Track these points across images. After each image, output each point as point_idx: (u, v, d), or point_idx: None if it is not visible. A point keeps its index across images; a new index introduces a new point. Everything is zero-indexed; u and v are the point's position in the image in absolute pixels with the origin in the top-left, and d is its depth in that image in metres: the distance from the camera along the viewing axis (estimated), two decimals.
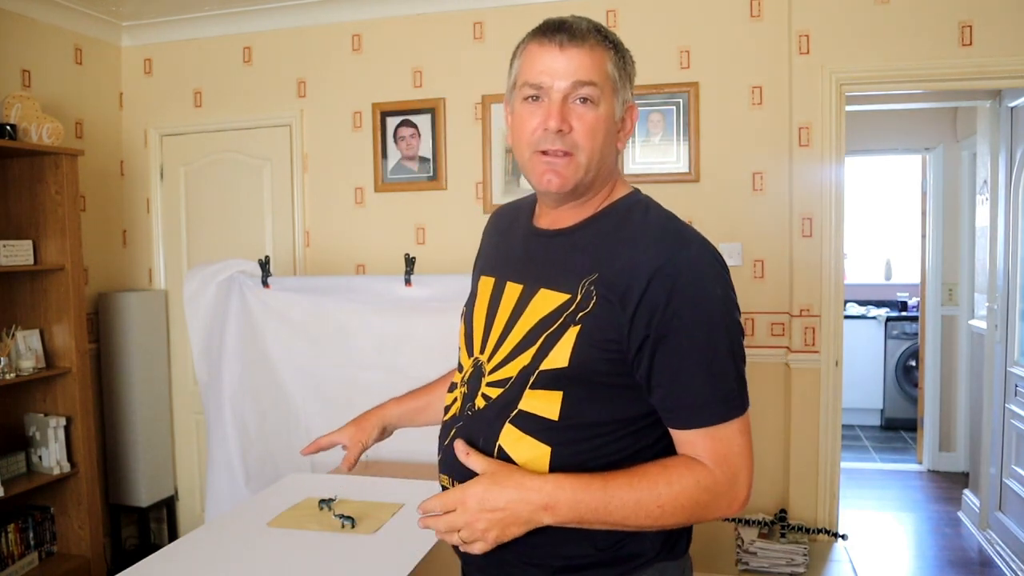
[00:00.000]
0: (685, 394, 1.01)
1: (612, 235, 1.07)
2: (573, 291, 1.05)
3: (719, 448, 1.02)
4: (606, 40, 1.06)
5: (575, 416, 1.04)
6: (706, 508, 1.02)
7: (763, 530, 2.94)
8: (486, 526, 1.00)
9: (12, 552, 3.02)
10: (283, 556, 1.69)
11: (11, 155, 3.03)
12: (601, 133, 1.06)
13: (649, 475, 1.00)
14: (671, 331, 0.99)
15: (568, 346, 1.03)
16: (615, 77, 1.06)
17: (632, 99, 1.10)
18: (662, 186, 3.13)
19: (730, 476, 1.03)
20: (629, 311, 1.00)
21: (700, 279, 1.01)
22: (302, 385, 2.84)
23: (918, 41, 2.87)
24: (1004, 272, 3.43)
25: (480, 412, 1.11)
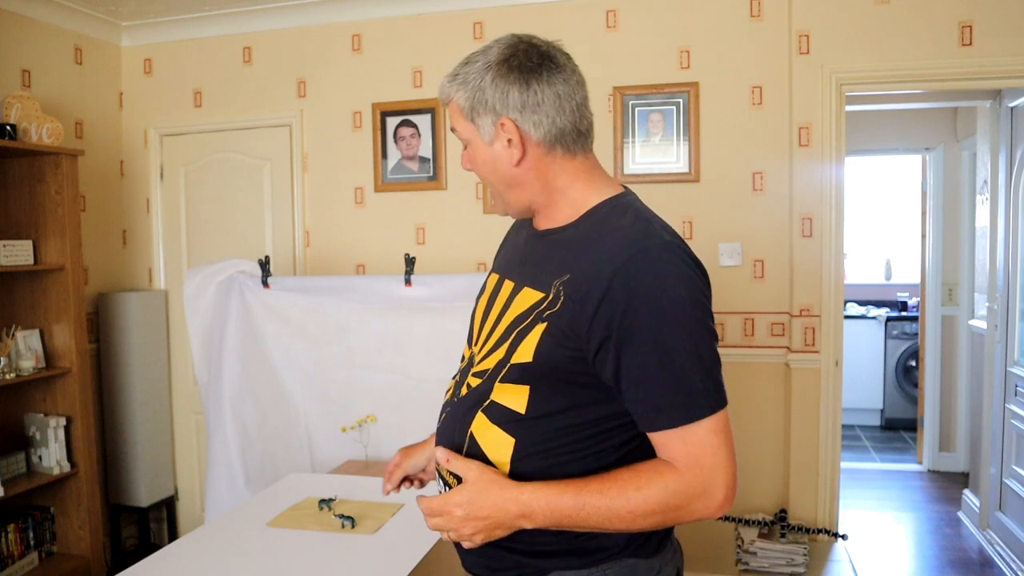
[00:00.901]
0: (649, 396, 1.02)
1: (587, 237, 1.10)
2: (547, 290, 1.09)
3: (690, 450, 1.01)
4: (455, 84, 1.12)
5: (540, 411, 1.08)
6: (679, 511, 1.02)
7: (763, 530, 2.94)
8: (472, 531, 1.07)
9: (12, 552, 3.02)
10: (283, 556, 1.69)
11: (11, 155, 3.03)
12: (486, 165, 1.14)
13: (619, 481, 1.03)
14: (632, 332, 1.00)
15: (534, 342, 1.07)
16: (468, 115, 1.12)
17: (502, 113, 1.09)
18: (662, 186, 3.13)
19: (703, 478, 1.01)
20: (590, 311, 1.02)
21: (661, 279, 1.01)
22: (302, 385, 2.85)
23: (918, 41, 2.87)
24: (1004, 272, 3.43)
25: (462, 399, 1.17)
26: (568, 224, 1.14)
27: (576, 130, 1.12)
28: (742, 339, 3.11)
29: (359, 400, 2.78)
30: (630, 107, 3.15)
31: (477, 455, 1.12)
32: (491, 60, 1.10)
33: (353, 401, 2.79)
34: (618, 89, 3.15)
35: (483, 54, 1.11)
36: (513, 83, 1.08)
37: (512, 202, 1.17)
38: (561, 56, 1.12)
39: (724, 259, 3.09)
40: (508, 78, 1.08)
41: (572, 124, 1.11)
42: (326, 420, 2.82)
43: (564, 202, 1.14)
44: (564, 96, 1.10)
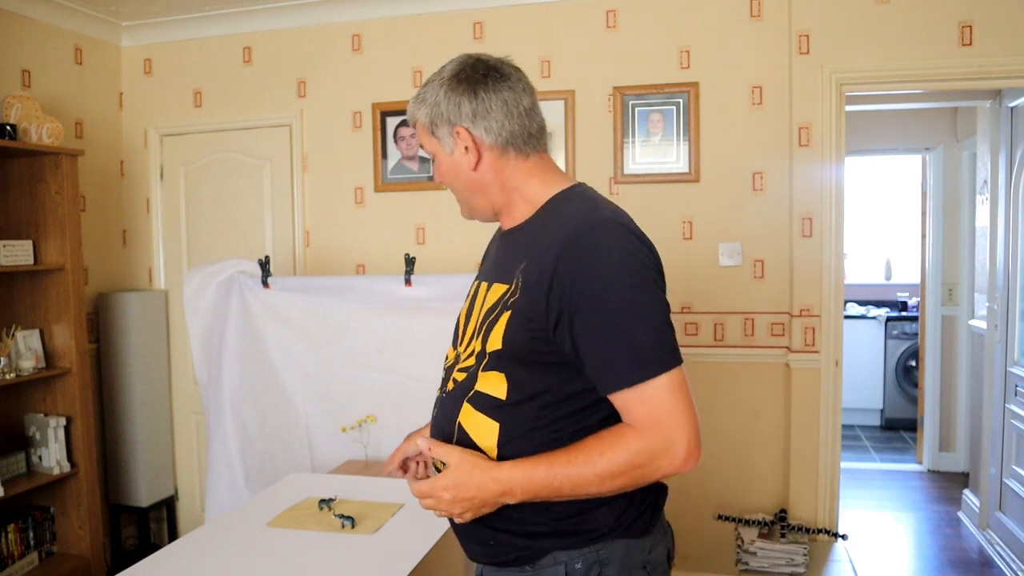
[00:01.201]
0: (603, 360, 1.08)
1: (541, 226, 1.20)
2: (510, 281, 1.18)
3: (648, 408, 1.07)
4: (417, 105, 1.25)
5: (520, 395, 1.15)
6: (645, 469, 1.08)
7: (763, 530, 2.94)
8: (461, 511, 1.15)
9: (12, 552, 3.02)
10: (283, 556, 1.69)
11: (11, 155, 3.03)
12: (449, 175, 1.26)
13: (585, 449, 1.09)
14: (580, 303, 1.08)
15: (502, 329, 1.16)
16: (431, 130, 1.24)
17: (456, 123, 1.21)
18: (662, 186, 3.13)
19: (664, 435, 1.07)
20: (544, 290, 1.10)
21: (602, 250, 1.09)
22: (302, 385, 2.85)
23: (918, 41, 2.87)
24: (1004, 272, 3.43)
25: (449, 393, 1.26)
26: (527, 220, 1.24)
27: (527, 133, 1.22)
28: (742, 339, 3.11)
29: (359, 400, 2.78)
30: (630, 107, 3.15)
31: (466, 443, 1.19)
32: (444, 77, 1.22)
33: (353, 401, 2.79)
34: (618, 89, 3.15)
35: (438, 74, 1.24)
36: (463, 94, 1.20)
37: (477, 206, 1.28)
38: (507, 68, 1.23)
39: (724, 259, 3.09)
40: (458, 90, 1.20)
41: (521, 128, 1.22)
42: (326, 420, 2.82)
43: (521, 200, 1.24)
44: (511, 102, 1.20)
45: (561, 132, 3.23)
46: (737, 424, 3.13)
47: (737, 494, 3.13)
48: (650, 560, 1.19)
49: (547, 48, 3.24)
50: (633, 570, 1.17)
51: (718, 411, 3.14)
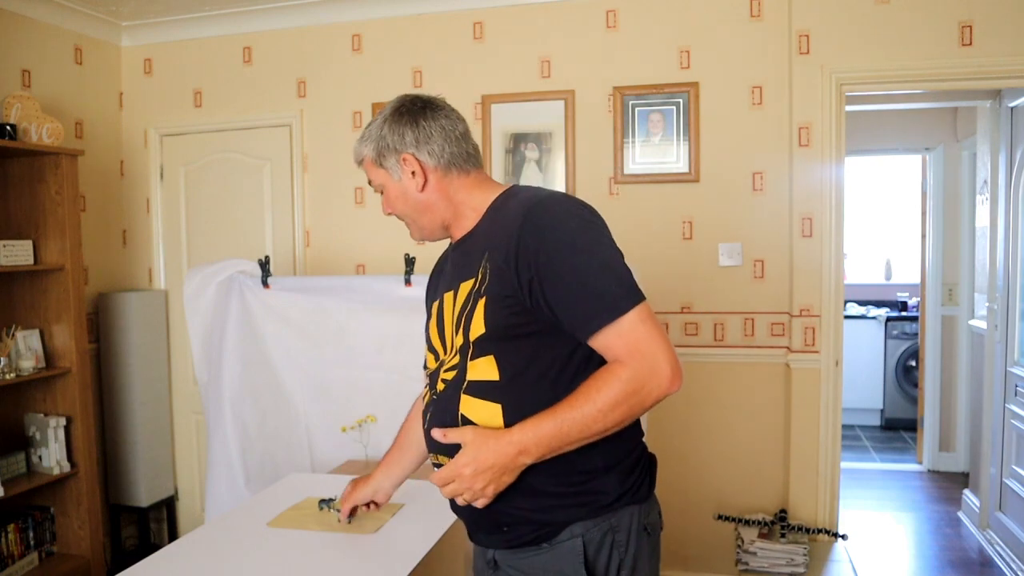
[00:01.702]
0: (578, 310, 1.19)
1: (493, 222, 1.32)
2: (475, 274, 1.29)
3: (627, 340, 1.17)
4: (363, 145, 1.39)
5: (512, 371, 1.25)
6: (639, 395, 1.17)
7: (763, 530, 2.94)
8: (483, 484, 1.22)
9: (12, 552, 3.02)
10: (283, 556, 1.69)
11: (11, 155, 3.03)
12: (399, 202, 1.39)
13: (582, 390, 1.19)
14: (548, 266, 1.19)
15: (481, 315, 1.25)
16: (377, 162, 1.38)
17: (401, 151, 1.35)
18: (662, 186, 3.13)
19: (647, 360, 1.16)
20: (512, 267, 1.21)
21: (556, 217, 1.23)
22: (302, 385, 2.84)
23: (918, 41, 2.87)
24: (1004, 272, 3.43)
25: (441, 394, 1.34)
26: (476, 225, 1.36)
27: (465, 153, 1.37)
28: (742, 339, 3.11)
29: (359, 400, 2.78)
30: (630, 107, 3.15)
31: None
32: (385, 115, 1.37)
33: (353, 401, 2.78)
34: (618, 89, 3.15)
35: (379, 115, 1.38)
36: (405, 125, 1.35)
37: (426, 225, 1.40)
38: (440, 101, 1.40)
39: (724, 259, 3.09)
40: (400, 122, 1.35)
41: (460, 149, 1.37)
42: (326, 420, 2.82)
43: (468, 210, 1.37)
44: (447, 128, 1.36)
45: (561, 132, 3.23)
46: (737, 424, 3.13)
47: (737, 494, 3.13)
48: (649, 522, 1.32)
49: (547, 48, 3.24)
50: (638, 533, 1.28)
51: (718, 411, 3.14)
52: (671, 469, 3.14)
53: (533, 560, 1.27)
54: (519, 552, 1.28)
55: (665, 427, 3.08)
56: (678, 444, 3.15)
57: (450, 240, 1.45)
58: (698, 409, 3.15)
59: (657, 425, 2.87)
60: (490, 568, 1.35)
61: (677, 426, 3.14)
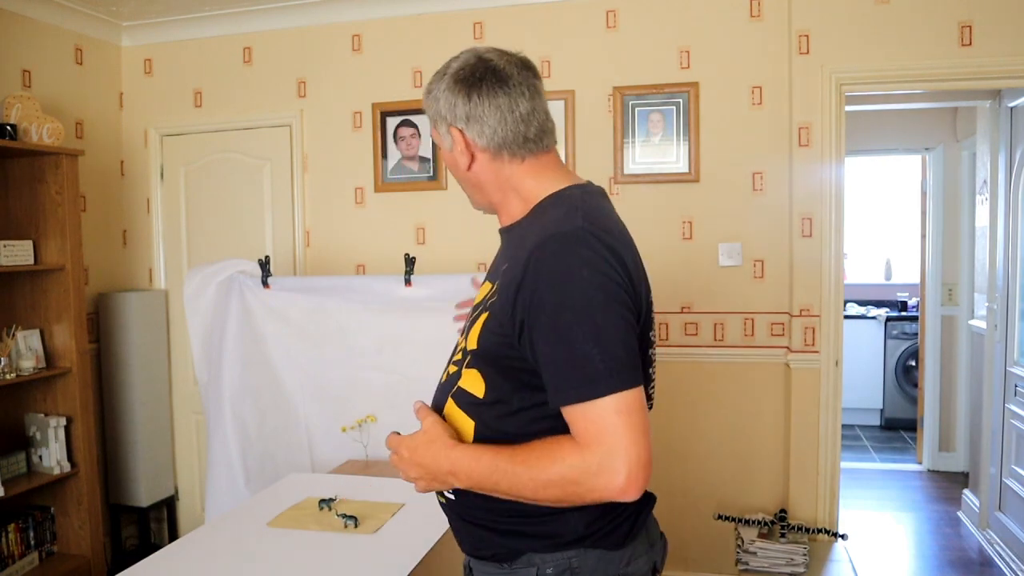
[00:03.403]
0: (553, 374, 1.05)
1: (527, 229, 1.18)
2: (494, 282, 1.19)
3: (589, 427, 1.02)
4: (425, 98, 1.25)
5: (494, 395, 1.15)
6: (578, 486, 1.03)
7: (763, 530, 2.94)
8: (415, 475, 1.17)
9: (12, 552, 3.02)
10: (283, 556, 1.69)
11: (11, 155, 3.03)
12: (452, 168, 1.26)
13: (528, 449, 1.08)
14: (539, 314, 1.05)
15: (478, 330, 1.16)
16: (433, 121, 1.24)
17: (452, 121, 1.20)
18: (662, 186, 3.13)
19: (601, 456, 1.01)
20: (512, 297, 1.09)
21: (564, 261, 1.06)
22: (302, 385, 2.85)
23: (918, 41, 2.87)
24: (1004, 272, 3.43)
25: (442, 384, 1.26)
26: (521, 218, 1.22)
27: (522, 137, 1.19)
28: (742, 339, 3.11)
29: (359, 400, 2.78)
30: (630, 107, 3.15)
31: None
32: (447, 74, 1.21)
33: (353, 401, 2.79)
34: (618, 89, 3.15)
35: (445, 67, 1.23)
36: (458, 95, 1.18)
37: (476, 200, 1.30)
38: (511, 69, 1.18)
39: (724, 259, 3.09)
40: (455, 91, 1.19)
41: (516, 133, 1.18)
42: (326, 420, 2.82)
43: (516, 199, 1.23)
44: (505, 108, 1.17)
45: (561, 132, 3.23)
46: (737, 424, 3.13)
47: (737, 494, 3.13)
48: (628, 573, 1.16)
49: (547, 48, 3.24)
50: None
51: (718, 411, 3.14)
52: (671, 469, 3.14)
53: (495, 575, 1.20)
54: (484, 564, 1.22)
55: (665, 427, 3.09)
56: (678, 444, 3.15)
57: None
58: (698, 409, 3.15)
59: (657, 425, 2.87)
60: (466, 572, 1.30)
61: (677, 426, 3.14)
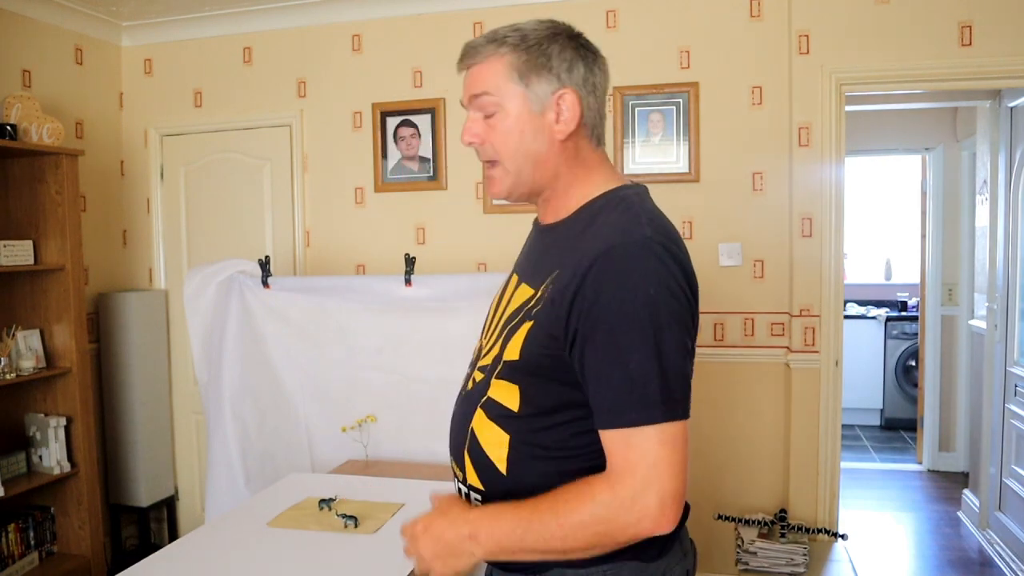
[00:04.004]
0: (601, 394, 0.98)
1: (578, 232, 1.08)
2: (537, 288, 1.08)
3: (628, 455, 0.96)
4: (503, 46, 1.08)
5: (532, 409, 1.07)
6: (610, 524, 0.96)
7: (763, 530, 2.94)
8: (430, 554, 1.07)
9: (12, 552, 3.02)
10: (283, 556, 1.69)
11: (11, 155, 3.03)
12: (514, 136, 1.08)
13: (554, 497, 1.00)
14: (596, 328, 0.98)
15: (520, 340, 1.06)
16: (516, 78, 1.07)
17: (564, 84, 1.08)
18: (662, 186, 3.13)
19: (634, 487, 0.95)
20: (566, 307, 1.00)
21: (628, 276, 0.97)
22: (302, 385, 2.85)
23: (918, 41, 2.87)
24: (1004, 272, 3.43)
25: (468, 393, 1.17)
26: (567, 217, 1.12)
27: (603, 123, 1.14)
28: (742, 339, 3.11)
29: (359, 400, 2.78)
30: (630, 107, 3.15)
31: (477, 451, 1.12)
32: (556, 30, 1.08)
33: (353, 401, 2.79)
34: (618, 89, 3.15)
35: (537, 24, 1.09)
36: (580, 58, 1.08)
37: (524, 180, 1.12)
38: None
39: (724, 259, 3.09)
40: (577, 52, 1.08)
41: (603, 116, 1.13)
42: (326, 420, 2.82)
43: (574, 190, 1.12)
44: (603, 88, 1.12)
45: None
46: (737, 424, 3.13)
47: (737, 494, 3.13)
48: None
49: None
50: None
51: (718, 411, 3.14)
52: None
53: None
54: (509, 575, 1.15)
55: None
56: None
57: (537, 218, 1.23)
58: (698, 409, 3.12)
59: None
60: None
61: None
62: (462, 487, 1.16)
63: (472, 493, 1.14)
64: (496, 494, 1.09)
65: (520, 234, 1.32)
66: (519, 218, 3.27)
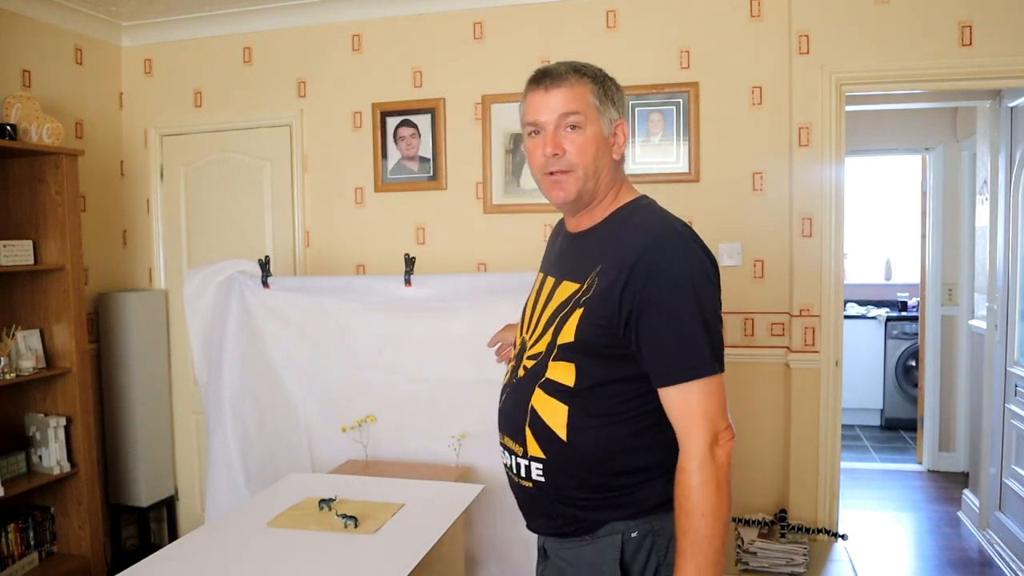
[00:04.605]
0: (660, 357, 1.23)
1: (615, 233, 1.33)
2: (583, 281, 1.31)
3: (689, 411, 1.22)
4: (584, 76, 1.35)
5: (587, 382, 1.29)
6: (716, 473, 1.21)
7: (763, 530, 2.94)
8: None
9: (12, 552, 3.02)
10: (283, 556, 1.69)
11: (11, 155, 3.03)
12: (592, 150, 1.33)
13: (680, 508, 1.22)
14: (649, 305, 1.22)
15: (574, 324, 1.29)
16: (596, 104, 1.34)
17: (621, 116, 1.37)
18: (662, 186, 3.13)
19: (704, 437, 1.22)
20: (617, 292, 1.24)
21: (673, 262, 1.24)
22: (302, 385, 2.85)
23: (918, 41, 2.87)
24: (1004, 272, 3.43)
25: (521, 379, 1.39)
26: (596, 224, 1.37)
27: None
28: (742, 339, 3.11)
29: (359, 400, 2.78)
30: (630, 107, 3.15)
31: (539, 424, 1.33)
32: (607, 75, 1.40)
33: (353, 401, 2.78)
34: None
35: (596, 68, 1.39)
36: (622, 98, 1.40)
37: (588, 188, 1.34)
38: None
39: (724, 259, 3.09)
40: (620, 92, 1.40)
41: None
42: (326, 420, 2.82)
43: (606, 201, 1.37)
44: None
45: None
46: (737, 424, 3.08)
47: (737, 494, 3.10)
48: None
49: (547, 48, 3.24)
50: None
51: None
52: None
53: (576, 551, 1.34)
54: (564, 541, 1.35)
55: None
56: None
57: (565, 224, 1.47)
58: None
59: None
60: (541, 556, 1.44)
61: None
62: (521, 461, 1.36)
63: (533, 464, 1.34)
64: (557, 459, 1.31)
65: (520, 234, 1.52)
66: (519, 218, 3.28)
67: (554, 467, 1.32)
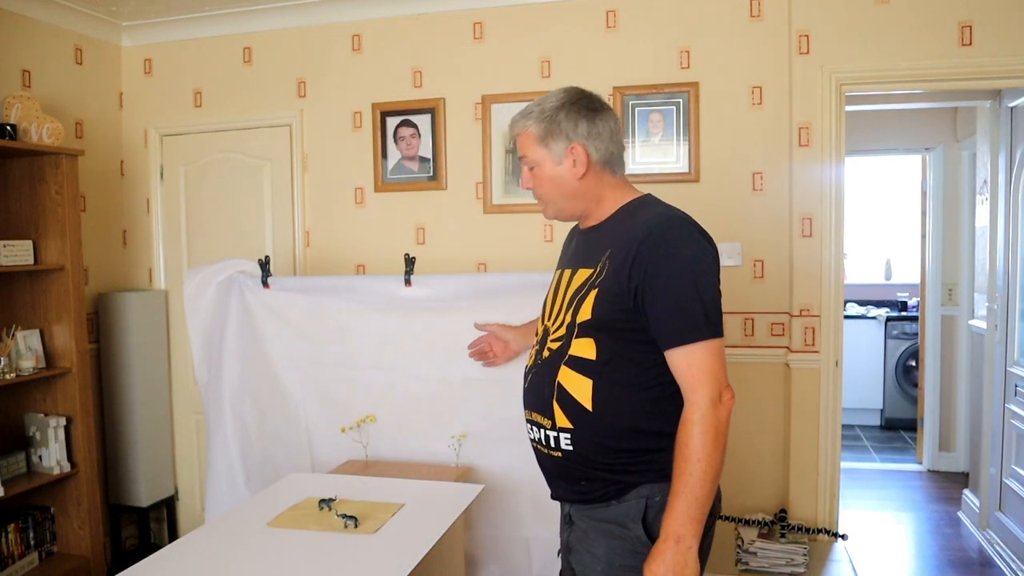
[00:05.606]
0: (664, 323, 1.39)
1: (621, 224, 1.51)
2: (595, 266, 1.49)
3: (692, 370, 1.37)
4: (528, 120, 1.53)
5: (607, 355, 1.44)
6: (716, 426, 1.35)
7: (763, 530, 2.94)
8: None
9: (12, 552, 3.02)
10: (283, 556, 1.69)
11: (11, 155, 3.03)
12: (548, 183, 1.55)
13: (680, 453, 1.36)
14: (653, 279, 1.38)
15: (590, 303, 1.45)
16: (539, 143, 1.52)
17: (572, 140, 1.50)
18: (662, 186, 3.11)
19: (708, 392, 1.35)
20: (626, 272, 1.41)
21: (673, 243, 1.41)
22: (302, 385, 2.84)
23: (918, 41, 2.87)
24: (1004, 272, 3.43)
25: (546, 360, 1.54)
26: (606, 219, 1.55)
27: (620, 157, 1.56)
28: (742, 339, 3.11)
29: (359, 400, 2.77)
30: (630, 107, 3.15)
31: (566, 397, 1.48)
32: (563, 101, 1.51)
33: (353, 401, 2.78)
34: (618, 89, 3.15)
35: (553, 96, 1.53)
36: (583, 117, 1.51)
37: (566, 209, 1.58)
38: (608, 104, 1.57)
39: (724, 259, 3.09)
40: (579, 113, 1.51)
41: (618, 152, 1.55)
42: (326, 420, 2.81)
43: (606, 204, 1.56)
44: (613, 131, 1.53)
45: None
46: (737, 424, 3.09)
47: (737, 494, 3.13)
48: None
49: (547, 48, 3.24)
50: None
51: None
52: None
53: (601, 514, 1.47)
54: (590, 508, 1.49)
55: None
56: None
57: (577, 224, 1.66)
58: None
59: None
60: (566, 523, 1.58)
61: None
62: (550, 433, 1.51)
63: (562, 434, 1.49)
64: (584, 428, 1.46)
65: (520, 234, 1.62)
66: (519, 218, 3.28)
67: (582, 435, 1.46)
